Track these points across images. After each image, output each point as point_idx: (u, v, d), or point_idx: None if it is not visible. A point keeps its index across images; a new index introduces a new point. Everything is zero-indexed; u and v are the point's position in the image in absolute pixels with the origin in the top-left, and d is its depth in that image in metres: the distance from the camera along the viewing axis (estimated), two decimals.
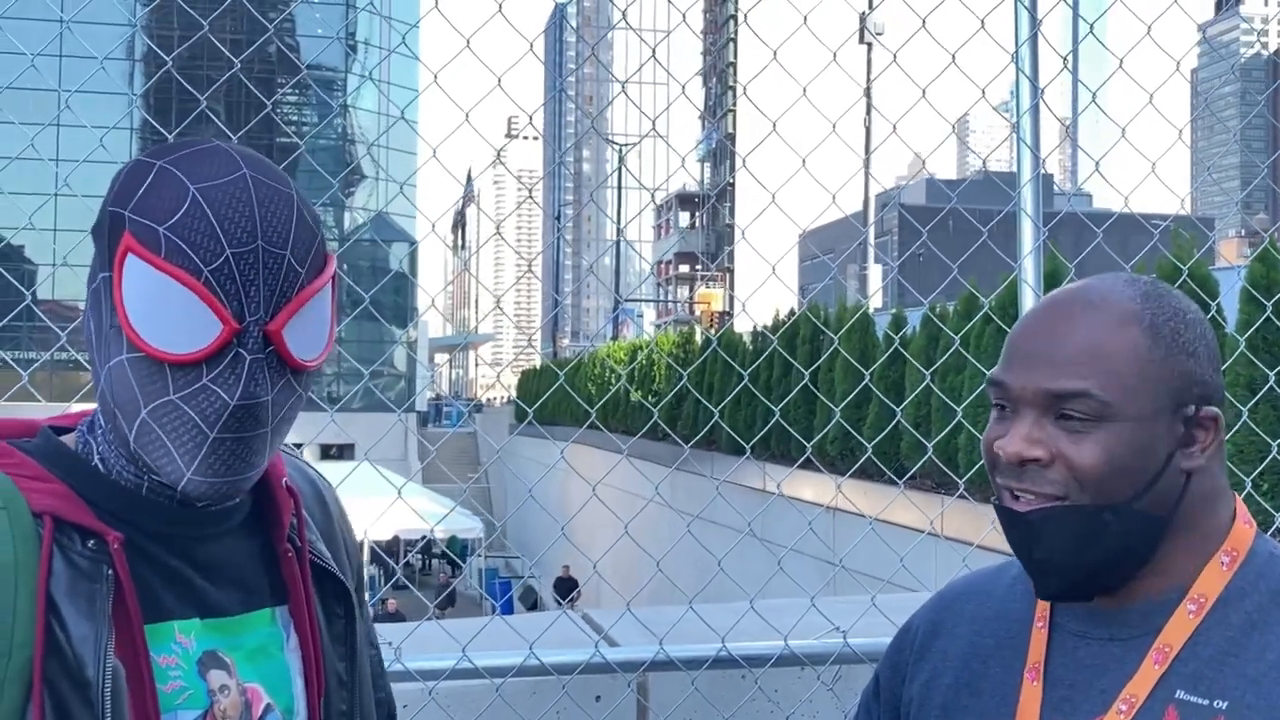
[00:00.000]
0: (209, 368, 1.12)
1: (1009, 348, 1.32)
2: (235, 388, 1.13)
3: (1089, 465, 1.24)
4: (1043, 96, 2.74)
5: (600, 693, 2.54)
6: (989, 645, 1.40)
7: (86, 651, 1.11)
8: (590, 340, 42.60)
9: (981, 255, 3.05)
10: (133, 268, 1.12)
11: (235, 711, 1.21)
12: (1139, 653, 1.27)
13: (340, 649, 1.34)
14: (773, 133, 2.67)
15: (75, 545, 1.14)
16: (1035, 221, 2.77)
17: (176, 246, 1.11)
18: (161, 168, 1.14)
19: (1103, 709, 1.26)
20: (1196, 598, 1.28)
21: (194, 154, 1.16)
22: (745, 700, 2.58)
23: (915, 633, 1.51)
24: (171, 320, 1.11)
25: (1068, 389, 1.24)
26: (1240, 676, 1.22)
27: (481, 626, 2.62)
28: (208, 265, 1.11)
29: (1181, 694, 1.23)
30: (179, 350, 1.11)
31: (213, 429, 1.13)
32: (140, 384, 1.13)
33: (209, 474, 1.15)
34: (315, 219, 1.19)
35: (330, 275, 1.20)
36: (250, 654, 1.24)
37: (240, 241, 1.11)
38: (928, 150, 3.10)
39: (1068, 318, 1.29)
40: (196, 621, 1.20)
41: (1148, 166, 2.93)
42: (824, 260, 25.07)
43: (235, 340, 1.13)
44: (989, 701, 1.36)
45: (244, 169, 1.15)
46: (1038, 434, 1.26)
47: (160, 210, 1.12)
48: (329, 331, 1.22)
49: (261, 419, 1.15)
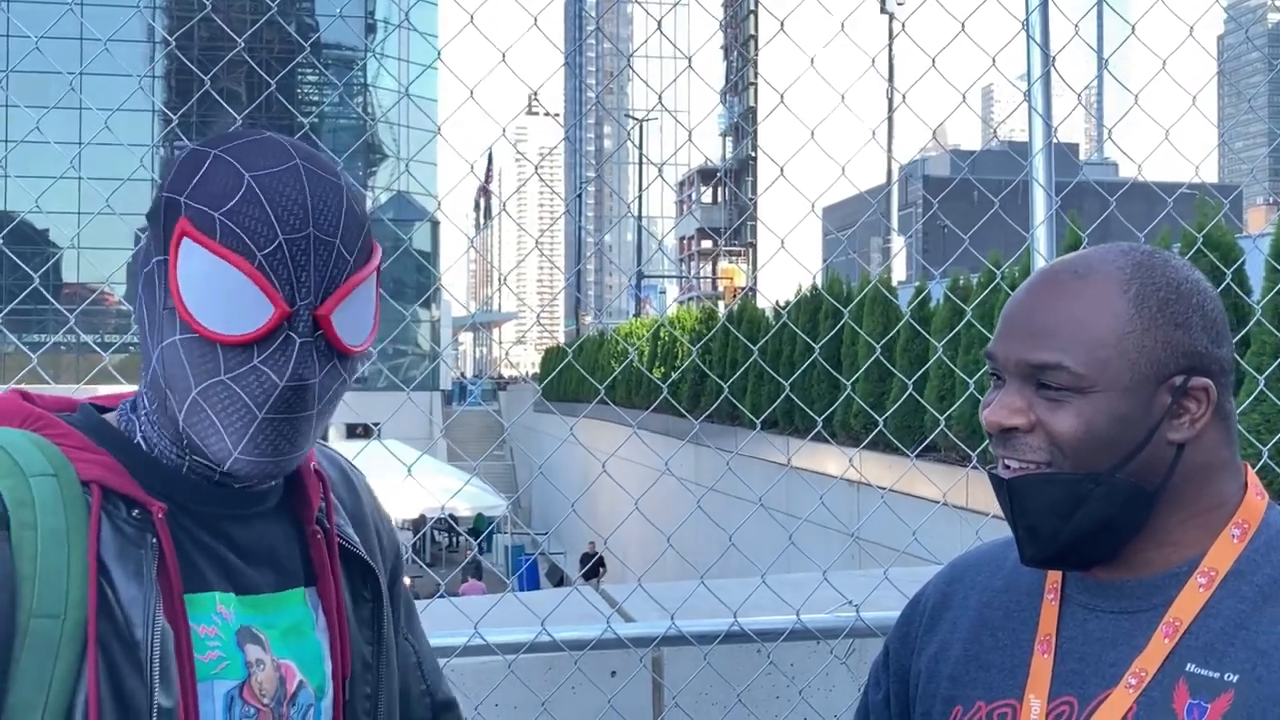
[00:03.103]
0: (260, 349, 1.16)
1: (1001, 319, 1.35)
2: (285, 369, 1.16)
3: (1067, 434, 1.26)
4: (1054, 64, 2.71)
5: (616, 668, 2.55)
6: (998, 617, 1.41)
7: (136, 612, 1.14)
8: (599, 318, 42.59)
9: (1005, 226, 3.03)
10: (188, 251, 1.15)
11: (271, 686, 1.23)
12: (1149, 626, 1.27)
13: (367, 632, 1.36)
14: (780, 105, 2.66)
15: (121, 513, 1.17)
16: (1047, 191, 2.75)
17: (231, 231, 1.15)
18: (217, 156, 1.18)
19: (1112, 682, 1.26)
20: (1207, 570, 1.28)
21: (249, 143, 1.19)
22: (759, 674, 2.58)
23: (925, 604, 1.52)
24: (225, 302, 1.15)
25: (1043, 360, 1.26)
26: (1251, 649, 1.22)
27: (494, 602, 2.64)
28: (261, 250, 1.14)
29: (1192, 667, 1.23)
30: (231, 331, 1.15)
31: (261, 409, 1.17)
32: (192, 364, 1.17)
33: (255, 453, 1.18)
34: (363, 209, 1.23)
35: (376, 264, 1.24)
36: (284, 632, 1.26)
37: (293, 228, 1.15)
38: (952, 122, 3.08)
39: (1053, 289, 1.30)
40: (232, 597, 1.23)
41: (1172, 135, 2.90)
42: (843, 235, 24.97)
43: (286, 323, 1.16)
44: (997, 674, 1.36)
45: (296, 159, 1.19)
46: (1019, 403, 1.28)
47: (216, 196, 1.16)
48: (374, 317, 1.26)
49: (308, 401, 1.19)
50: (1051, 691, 1.30)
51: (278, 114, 16.44)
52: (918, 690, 1.47)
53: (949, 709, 1.39)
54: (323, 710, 1.29)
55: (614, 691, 2.52)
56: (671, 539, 2.70)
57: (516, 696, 2.47)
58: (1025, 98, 2.72)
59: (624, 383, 23.03)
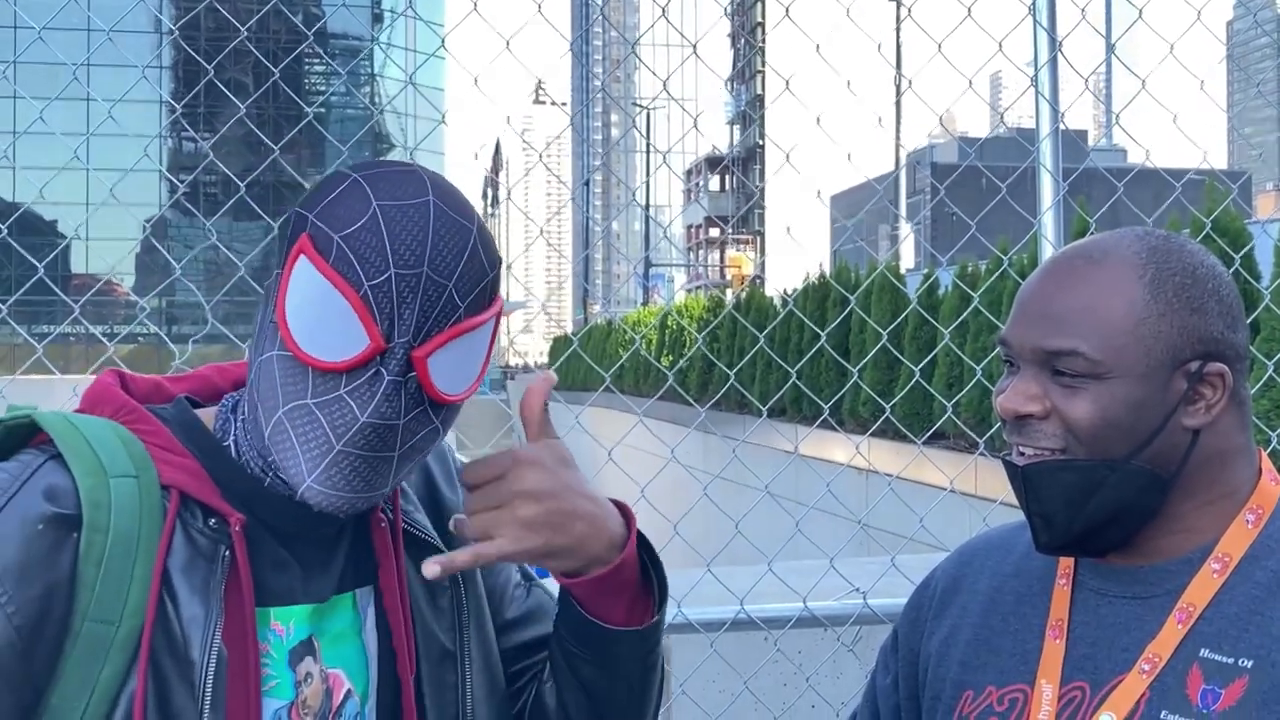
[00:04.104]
0: (348, 380, 1.14)
1: (1015, 304, 1.34)
2: (368, 405, 1.14)
3: (1082, 421, 1.25)
4: (1061, 49, 2.70)
5: None
6: (1009, 601, 1.41)
7: (195, 631, 1.14)
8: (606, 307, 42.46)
9: (1014, 213, 3.02)
10: (301, 269, 1.15)
11: (316, 701, 1.22)
12: (1162, 612, 1.27)
13: (445, 620, 1.33)
14: (786, 92, 2.65)
15: (197, 522, 1.17)
16: (1055, 176, 2.74)
17: (345, 256, 1.13)
18: (355, 180, 1.17)
19: (1125, 667, 1.26)
20: (1221, 556, 1.27)
21: (389, 173, 1.18)
22: (766, 662, 2.58)
23: (934, 588, 1.52)
24: (324, 327, 1.14)
25: (1059, 347, 1.26)
26: (1265, 635, 1.22)
27: None
28: (369, 280, 1.13)
29: (1206, 653, 1.23)
30: (324, 357, 1.14)
31: (339, 441, 1.15)
32: (284, 382, 1.16)
33: (328, 485, 1.16)
34: (493, 257, 1.20)
35: (494, 314, 1.21)
36: (334, 639, 1.25)
37: (407, 264, 1.13)
38: (961, 109, 3.06)
39: (1068, 274, 1.29)
40: (295, 609, 1.22)
41: (1180, 120, 2.89)
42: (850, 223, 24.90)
43: (379, 358, 1.14)
44: (1009, 658, 1.36)
45: (430, 195, 1.16)
46: (1035, 389, 1.28)
47: (339, 219, 1.14)
48: (480, 370, 1.22)
49: (389, 442, 1.16)
50: (1064, 677, 1.29)
51: (285, 104, 16.44)
52: (927, 674, 1.46)
53: (959, 693, 1.38)
54: (366, 714, 1.27)
55: None
56: (679, 527, 2.70)
57: None
58: (1032, 83, 2.72)
59: (632, 371, 23.03)
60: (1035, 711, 1.29)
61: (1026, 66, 2.77)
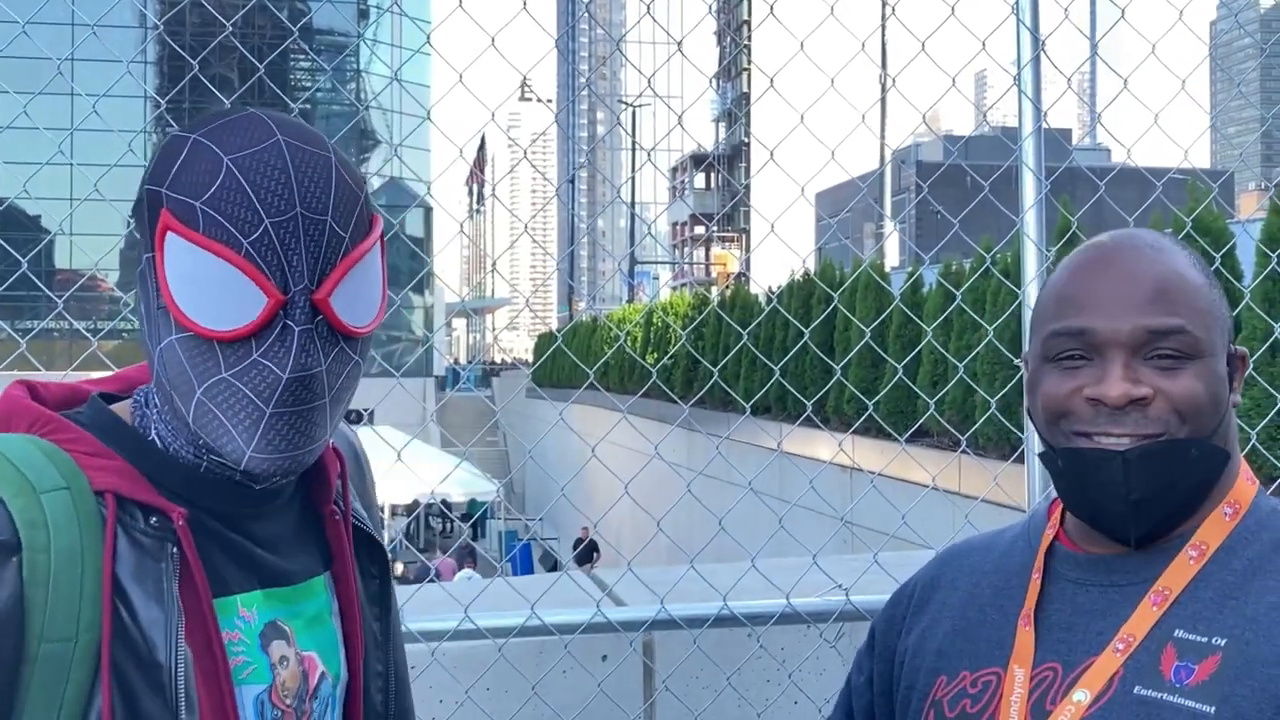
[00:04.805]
0: (258, 342, 1.11)
1: (1078, 295, 1.31)
2: (286, 360, 1.11)
3: (1191, 398, 1.26)
4: (1044, 48, 2.72)
5: (607, 652, 2.55)
6: (986, 594, 1.42)
7: (158, 635, 1.10)
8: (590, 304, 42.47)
9: (1000, 212, 3.03)
10: (173, 246, 1.10)
11: (294, 683, 1.21)
12: (1138, 598, 1.28)
13: (375, 609, 1.35)
14: (770, 90, 2.66)
15: (138, 523, 1.13)
16: (1037, 175, 2.76)
17: (214, 220, 1.09)
18: (195, 141, 1.12)
19: (1098, 649, 1.27)
20: (1198, 544, 1.29)
21: (227, 124, 1.13)
22: (749, 658, 2.58)
23: (914, 588, 1.53)
24: (215, 297, 1.09)
25: (1168, 325, 1.26)
26: (1240, 616, 1.23)
27: (484, 587, 2.63)
28: (247, 237, 1.09)
29: (1180, 633, 1.24)
30: (226, 326, 1.10)
31: (268, 404, 1.12)
32: (192, 363, 1.12)
33: (270, 450, 1.13)
34: (357, 180, 1.17)
35: (377, 237, 1.18)
36: (308, 622, 1.24)
37: (278, 210, 1.09)
38: (944, 107, 3.07)
39: (1138, 260, 1.31)
40: (258, 593, 1.20)
41: (1164, 120, 2.91)
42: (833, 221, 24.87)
43: (282, 312, 1.11)
44: (983, 646, 1.37)
45: (278, 135, 1.12)
46: (1134, 374, 1.27)
47: (195, 185, 1.10)
48: (380, 294, 1.20)
49: (317, 390, 1.13)
50: (1036, 660, 1.31)
51: (270, 100, 16.42)
52: (903, 668, 1.47)
53: (933, 679, 1.40)
54: (337, 697, 1.28)
55: (605, 677, 2.52)
56: (665, 524, 2.71)
57: (507, 681, 2.47)
58: (1015, 82, 2.73)
59: (617, 368, 23.03)
60: (1008, 693, 1.30)
61: (1010, 65, 2.78)
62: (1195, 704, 1.19)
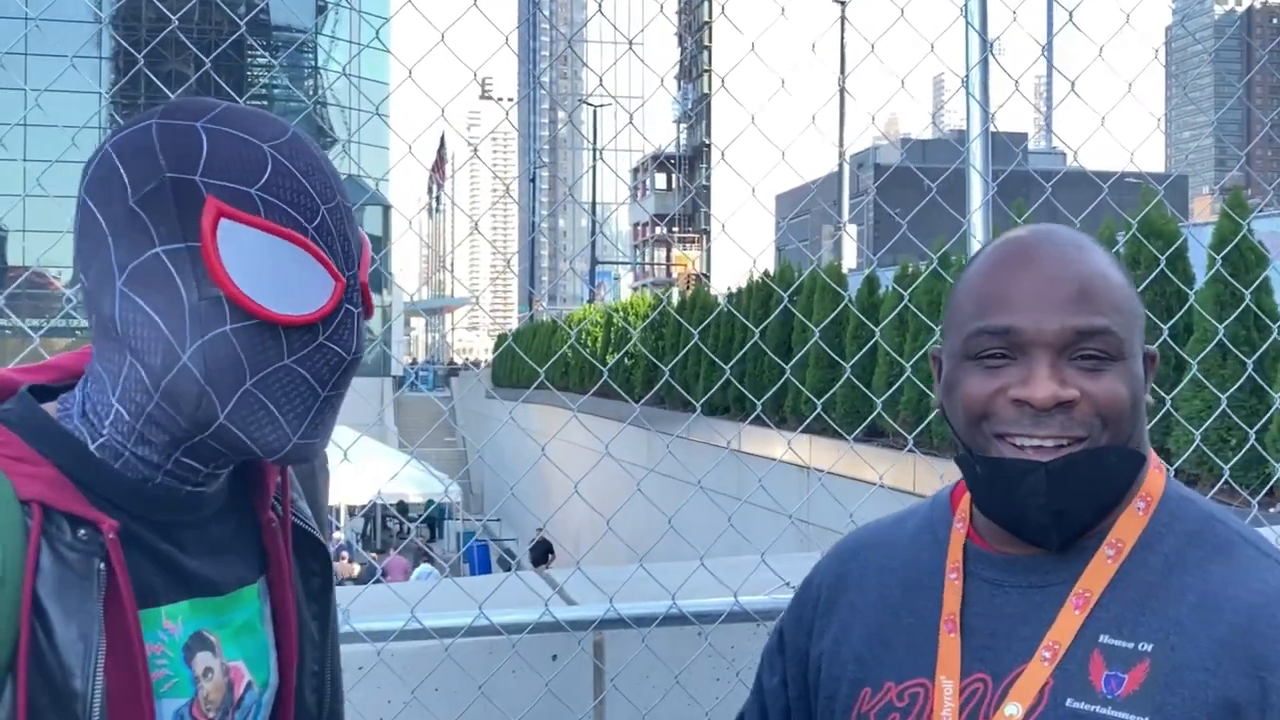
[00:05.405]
0: (324, 326, 1.11)
1: (1001, 293, 1.27)
2: (351, 342, 1.12)
3: (1114, 401, 1.23)
4: (992, 51, 2.75)
5: (557, 652, 2.53)
6: (897, 596, 1.38)
7: (74, 660, 1.04)
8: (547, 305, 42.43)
9: (953, 214, 3.06)
10: (234, 233, 1.06)
11: (218, 695, 1.18)
12: (1059, 599, 1.26)
13: (314, 607, 1.32)
14: (723, 90, 2.68)
15: (65, 536, 1.06)
16: (984, 177, 2.79)
17: (276, 207, 1.08)
18: (212, 129, 1.09)
19: (1026, 657, 1.25)
20: (1114, 542, 1.28)
21: (230, 112, 1.12)
22: (698, 656, 2.58)
23: (819, 587, 1.49)
24: (287, 282, 1.08)
25: (1093, 325, 1.23)
26: (1163, 618, 1.22)
27: (431, 587, 2.61)
28: (310, 223, 1.09)
29: (1105, 638, 1.23)
30: (299, 311, 1.08)
31: (324, 387, 1.12)
32: (250, 353, 1.08)
33: (310, 435, 1.13)
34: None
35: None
36: (235, 632, 1.21)
37: (326, 197, 1.11)
38: (902, 110, 3.11)
39: (1062, 258, 1.27)
40: (185, 604, 1.16)
41: (1118, 124, 2.95)
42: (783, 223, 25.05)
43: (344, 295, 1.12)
44: (905, 653, 1.33)
45: (288, 126, 1.13)
46: (1060, 375, 1.23)
47: (243, 173, 1.08)
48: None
49: (354, 373, 1.15)
50: (963, 670, 1.27)
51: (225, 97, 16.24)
52: (819, 674, 1.43)
53: (856, 690, 1.36)
54: (264, 703, 1.25)
55: (555, 677, 2.51)
56: (624, 525, 2.70)
57: (455, 681, 2.44)
58: (963, 84, 2.76)
59: (577, 369, 23.02)
60: (938, 708, 1.27)
61: (961, 68, 2.82)
62: (1129, 715, 1.19)
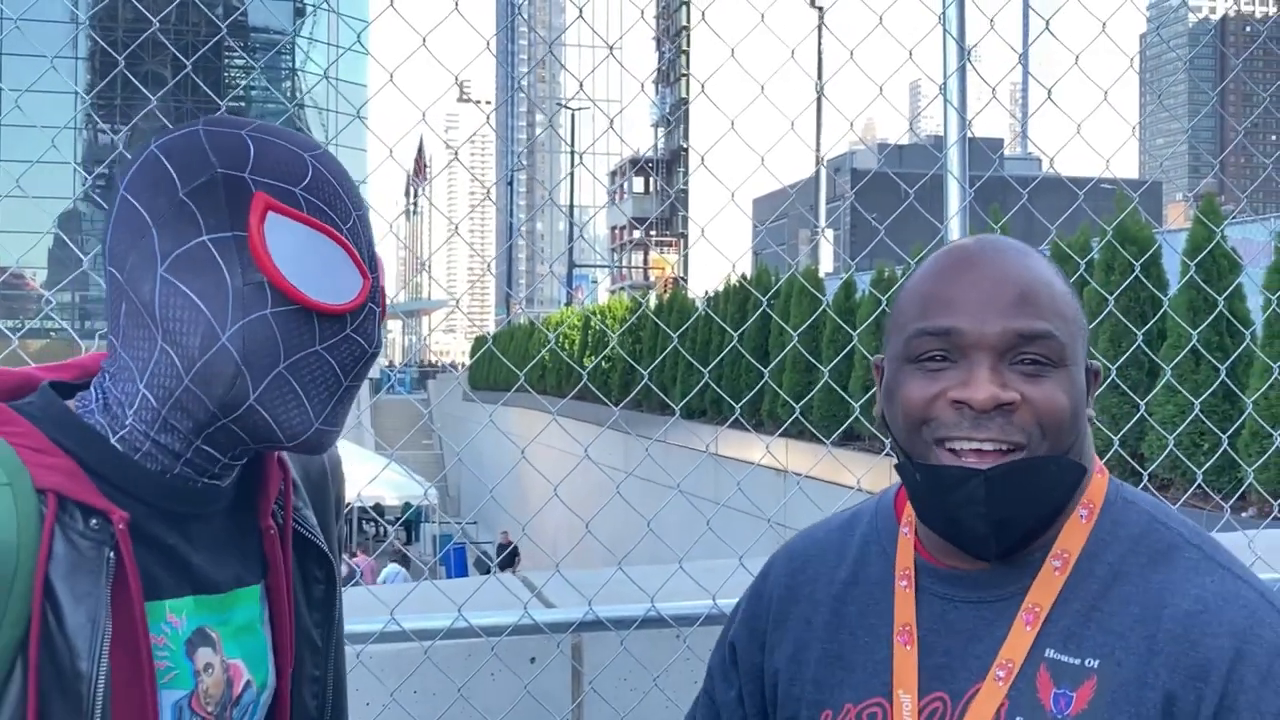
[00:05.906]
0: (352, 318, 1.20)
1: (943, 295, 1.26)
2: (373, 335, 1.22)
3: (1054, 408, 1.22)
4: (969, 58, 2.77)
5: (535, 655, 2.53)
6: (852, 613, 1.36)
7: (81, 642, 1.09)
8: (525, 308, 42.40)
9: (930, 219, 3.07)
10: (280, 225, 1.16)
11: (218, 690, 1.21)
12: (1009, 614, 1.25)
13: (317, 615, 1.36)
14: (703, 95, 2.69)
15: (77, 524, 1.11)
16: (961, 183, 2.80)
17: (316, 206, 1.18)
18: (257, 137, 1.20)
19: (980, 675, 1.23)
20: (1060, 553, 1.26)
21: (270, 126, 1.23)
22: (676, 659, 2.58)
23: (769, 600, 1.47)
24: (323, 274, 1.18)
25: (1035, 329, 1.22)
26: (1107, 632, 1.21)
27: (410, 589, 2.61)
28: (344, 224, 1.20)
29: (1051, 653, 1.21)
30: (333, 301, 1.18)
31: (347, 377, 1.20)
32: (286, 336, 1.16)
33: (330, 423, 1.20)
34: None
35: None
36: (236, 631, 1.24)
37: (356, 204, 1.22)
38: (880, 116, 3.12)
39: (1005, 263, 1.26)
40: (189, 599, 1.20)
41: (1093, 131, 2.97)
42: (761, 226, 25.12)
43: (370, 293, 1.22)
44: (861, 672, 1.32)
45: (320, 143, 1.25)
46: (1000, 378, 1.22)
47: (289, 174, 1.18)
48: None
49: (370, 367, 1.23)
50: (921, 688, 1.26)
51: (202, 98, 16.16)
52: (776, 691, 1.41)
53: (817, 713, 1.34)
54: (261, 704, 1.28)
55: (534, 679, 2.51)
56: (603, 528, 2.70)
57: (435, 684, 2.44)
58: (940, 91, 2.78)
59: (555, 372, 23.01)
60: None
61: (939, 75, 2.83)
62: None
